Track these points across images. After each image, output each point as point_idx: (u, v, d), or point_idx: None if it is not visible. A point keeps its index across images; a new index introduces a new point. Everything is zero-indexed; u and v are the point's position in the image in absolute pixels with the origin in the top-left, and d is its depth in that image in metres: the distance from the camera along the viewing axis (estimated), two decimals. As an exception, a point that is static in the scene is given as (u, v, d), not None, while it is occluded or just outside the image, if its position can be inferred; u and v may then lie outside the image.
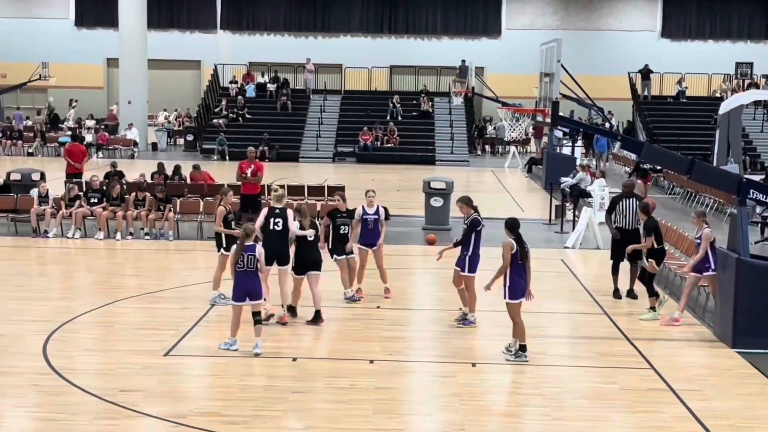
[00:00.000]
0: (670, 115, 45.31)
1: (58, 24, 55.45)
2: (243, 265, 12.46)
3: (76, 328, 13.86)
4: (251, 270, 12.49)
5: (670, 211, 27.47)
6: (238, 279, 12.50)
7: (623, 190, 17.10)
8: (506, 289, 12.55)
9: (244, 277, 12.46)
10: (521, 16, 55.00)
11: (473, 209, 14.24)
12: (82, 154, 27.31)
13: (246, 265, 12.46)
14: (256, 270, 12.56)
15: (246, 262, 12.45)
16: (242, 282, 12.47)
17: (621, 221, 16.63)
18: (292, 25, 55.22)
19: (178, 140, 49.01)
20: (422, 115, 46.82)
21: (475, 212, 14.20)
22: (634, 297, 16.37)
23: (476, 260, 14.12)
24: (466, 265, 14.06)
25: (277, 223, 14.10)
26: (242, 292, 12.47)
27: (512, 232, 12.67)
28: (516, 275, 12.52)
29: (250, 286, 12.46)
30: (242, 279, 12.47)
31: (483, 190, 33.12)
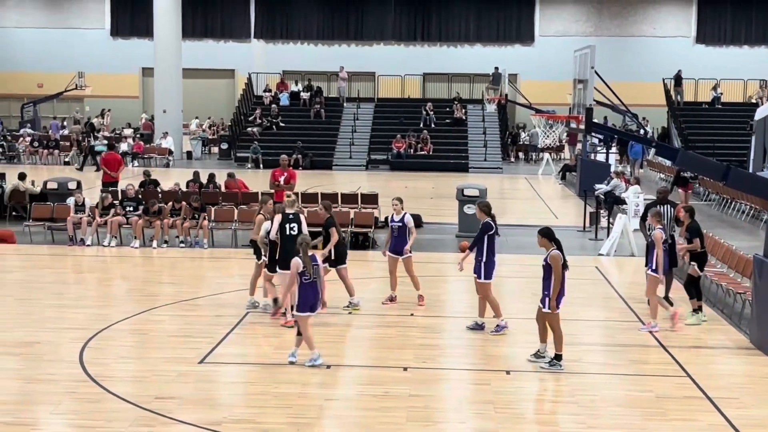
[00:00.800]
0: (705, 121, 44.98)
1: (94, 34, 56.08)
2: (309, 277, 12.28)
3: (112, 336, 13.96)
4: (316, 281, 12.35)
5: (706, 218, 27.23)
6: (303, 291, 12.28)
7: (658, 196, 17.14)
8: (547, 299, 12.51)
9: (310, 288, 12.31)
10: (554, 22, 54.90)
11: (489, 215, 14.23)
12: (118, 163, 27.51)
13: (312, 276, 12.29)
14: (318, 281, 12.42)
15: (312, 273, 12.29)
16: (308, 294, 12.30)
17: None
18: (325, 34, 55.47)
19: (213, 149, 49.29)
20: (455, 122, 46.77)
21: (489, 218, 14.19)
22: (670, 304, 16.24)
23: (491, 266, 14.11)
24: (482, 271, 14.06)
25: (292, 228, 14.29)
26: (307, 303, 12.29)
27: (552, 241, 12.61)
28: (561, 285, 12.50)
29: (314, 298, 12.33)
30: (308, 291, 12.30)
31: (517, 197, 33.07)
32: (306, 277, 12.24)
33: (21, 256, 20.80)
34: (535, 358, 12.74)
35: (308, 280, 12.24)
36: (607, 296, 17.33)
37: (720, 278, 16.65)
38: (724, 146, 40.39)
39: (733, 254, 17.13)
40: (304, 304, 12.26)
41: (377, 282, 17.45)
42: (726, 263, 17.36)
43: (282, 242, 14.19)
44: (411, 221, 15.97)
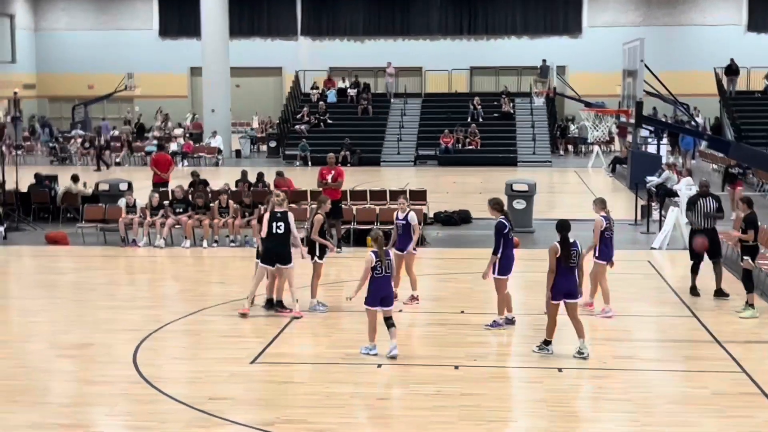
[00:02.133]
0: (759, 111, 44.29)
1: (143, 34, 56.60)
2: (381, 271, 12.57)
3: (165, 337, 14.08)
4: (388, 275, 12.66)
5: (760, 208, 26.75)
6: (374, 284, 12.59)
7: (700, 189, 17.08)
8: (548, 290, 12.69)
9: (382, 282, 12.60)
10: (603, 13, 54.43)
11: (502, 213, 14.15)
12: (168, 164, 27.71)
13: (384, 271, 12.58)
14: (391, 276, 12.78)
15: (384, 267, 12.57)
16: (379, 287, 12.59)
17: (699, 221, 16.58)
18: (371, 30, 55.48)
19: (261, 147, 49.52)
20: (503, 116, 46.54)
21: (502, 215, 14.11)
22: (725, 295, 16.16)
23: (507, 263, 14.06)
24: (496, 267, 14.00)
25: (279, 227, 14.79)
26: (377, 297, 12.59)
27: (559, 234, 12.79)
28: (561, 277, 12.60)
29: (385, 292, 12.62)
30: (379, 284, 12.58)
31: (566, 191, 32.85)
32: (378, 271, 12.54)
33: (74, 258, 21.05)
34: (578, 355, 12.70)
35: (380, 274, 12.56)
36: (660, 290, 17.15)
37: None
38: (778, 136, 39.79)
39: (789, 246, 16.86)
40: (374, 297, 12.59)
41: (426, 279, 17.42)
42: (782, 255, 17.09)
43: (266, 239, 14.82)
44: (415, 219, 15.95)
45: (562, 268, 12.61)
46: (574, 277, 12.77)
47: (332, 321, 14.93)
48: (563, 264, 12.62)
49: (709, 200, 16.62)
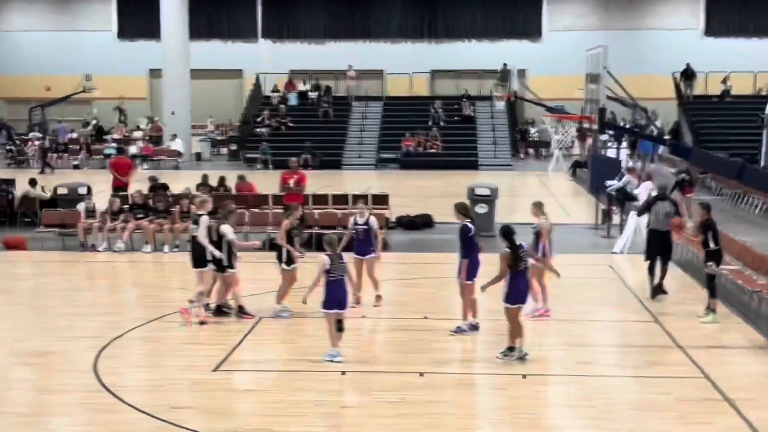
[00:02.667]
0: (716, 115, 44.77)
1: (101, 36, 56.15)
2: (335, 275, 12.67)
3: (126, 344, 13.92)
4: (342, 278, 12.76)
5: (719, 213, 27.02)
6: (330, 288, 12.68)
7: (659, 192, 17.66)
8: (506, 295, 12.72)
9: (337, 285, 12.70)
10: (562, 17, 54.75)
11: (467, 217, 14.20)
12: (128, 167, 27.46)
13: (338, 274, 12.70)
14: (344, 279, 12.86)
15: (338, 271, 12.69)
16: (335, 291, 12.69)
17: (655, 223, 17.00)
18: (332, 32, 55.42)
19: (222, 150, 49.26)
20: (464, 119, 46.65)
21: (467, 219, 14.14)
22: (664, 292, 16.65)
23: (473, 267, 14.10)
24: (464, 272, 14.05)
25: (195, 229, 14.95)
26: (334, 301, 12.68)
27: (506, 240, 12.85)
28: (517, 281, 12.65)
29: (341, 295, 12.72)
30: (335, 288, 12.68)
31: (527, 194, 32.87)
32: (332, 275, 12.60)
33: (32, 263, 20.79)
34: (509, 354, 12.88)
35: (335, 278, 12.62)
36: (622, 295, 17.23)
37: (735, 275, 16.55)
38: (735, 140, 40.19)
39: (748, 251, 17.03)
40: (331, 301, 12.64)
41: (389, 284, 17.37)
42: (741, 260, 17.25)
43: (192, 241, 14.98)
44: (376, 223, 15.96)
45: (515, 273, 12.64)
46: (527, 280, 12.79)
47: (295, 327, 14.83)
48: (516, 268, 12.62)
49: (666, 204, 17.07)
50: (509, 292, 12.70)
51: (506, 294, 12.72)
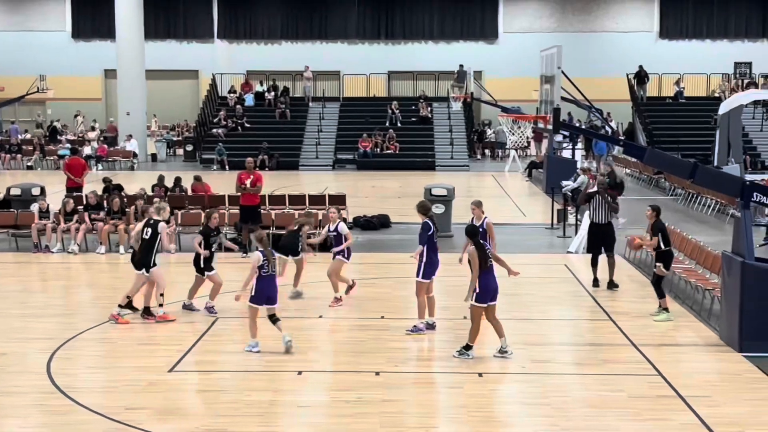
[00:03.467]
0: (670, 116, 45.25)
1: (55, 36, 55.54)
2: (268, 270, 12.94)
3: (80, 345, 13.79)
4: (274, 274, 13.04)
5: (672, 213, 27.40)
6: (261, 283, 12.91)
7: (598, 187, 18.27)
8: (474, 293, 12.69)
9: (268, 281, 12.96)
10: (518, 19, 55.02)
11: (427, 216, 14.31)
12: (82, 168, 27.24)
13: (270, 270, 12.97)
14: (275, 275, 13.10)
15: (270, 266, 12.96)
16: (265, 286, 12.94)
17: (595, 216, 17.74)
18: (289, 33, 55.26)
19: (178, 151, 48.97)
20: (421, 120, 46.77)
21: (427, 218, 14.24)
22: (615, 286, 17.20)
23: (431, 266, 14.16)
24: (421, 271, 14.10)
25: (146, 233, 15.04)
26: (263, 296, 12.95)
27: (472, 239, 12.91)
28: (487, 279, 12.68)
29: (271, 291, 12.98)
30: (266, 283, 12.95)
31: (484, 195, 32.99)
32: (265, 270, 12.90)
33: (-15, 265, 20.53)
34: (500, 354, 12.87)
35: (267, 273, 12.93)
36: (577, 294, 17.35)
37: (688, 274, 16.75)
38: (689, 140, 40.67)
39: (701, 250, 17.22)
40: (260, 296, 12.96)
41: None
42: (694, 259, 17.46)
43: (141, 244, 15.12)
44: (345, 229, 16.06)
45: (484, 271, 12.70)
46: (495, 277, 12.86)
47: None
48: (483, 267, 12.69)
49: (598, 199, 17.67)
50: (480, 292, 12.65)
51: (476, 293, 12.66)
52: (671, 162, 17.08)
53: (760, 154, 41.07)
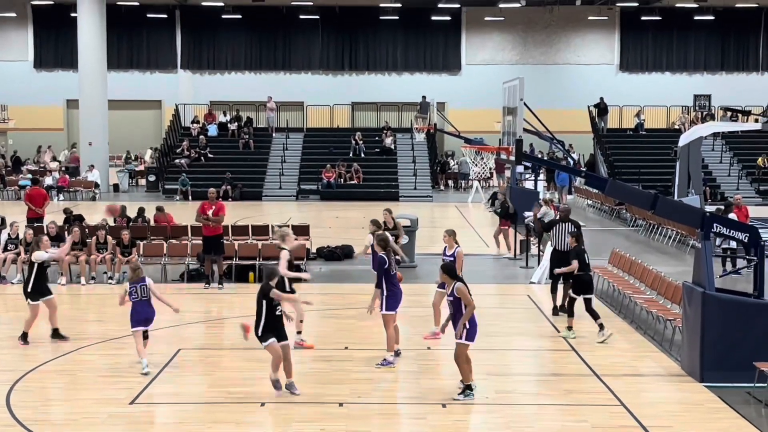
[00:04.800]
0: (630, 148, 45.75)
1: (17, 66, 55.12)
2: (138, 296, 13.84)
3: (40, 377, 13.64)
4: (145, 299, 13.88)
5: (633, 244, 27.65)
6: (134, 308, 13.86)
7: (560, 215, 18.64)
8: (465, 332, 12.34)
9: (142, 306, 13.86)
10: (481, 51, 55.41)
11: (385, 249, 14.33)
12: (43, 198, 27.03)
13: (140, 296, 13.84)
14: (149, 299, 13.96)
15: (140, 293, 13.83)
16: (139, 311, 13.84)
17: (558, 243, 18.07)
18: (252, 64, 55.27)
19: (140, 181, 48.73)
20: (385, 151, 46.91)
21: (384, 252, 14.27)
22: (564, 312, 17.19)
23: (393, 298, 14.15)
24: (384, 304, 14.13)
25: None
26: (140, 319, 13.85)
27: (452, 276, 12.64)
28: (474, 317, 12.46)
29: (145, 314, 13.87)
30: (139, 308, 13.85)
31: (447, 225, 33.02)
32: (135, 296, 13.82)
33: (-57, 296, 20.26)
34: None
35: (137, 299, 13.83)
36: (540, 325, 17.40)
37: (650, 305, 16.85)
38: (650, 172, 41.11)
39: (662, 280, 17.35)
40: (137, 319, 13.85)
41: (310, 315, 17.30)
42: (655, 290, 17.58)
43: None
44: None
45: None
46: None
47: (214, 359, 14.71)
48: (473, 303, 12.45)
49: (568, 225, 18.00)
50: (470, 329, 12.33)
51: (467, 331, 12.32)
52: (632, 193, 17.23)
53: (720, 186, 41.61)
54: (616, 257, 20.78)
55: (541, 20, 54.50)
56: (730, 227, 14.19)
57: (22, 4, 54.13)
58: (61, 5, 51.74)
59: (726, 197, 38.18)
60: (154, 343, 15.33)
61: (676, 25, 54.00)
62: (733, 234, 14.17)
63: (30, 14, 54.95)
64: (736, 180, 42.73)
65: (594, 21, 54.33)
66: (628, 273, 19.49)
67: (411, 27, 54.39)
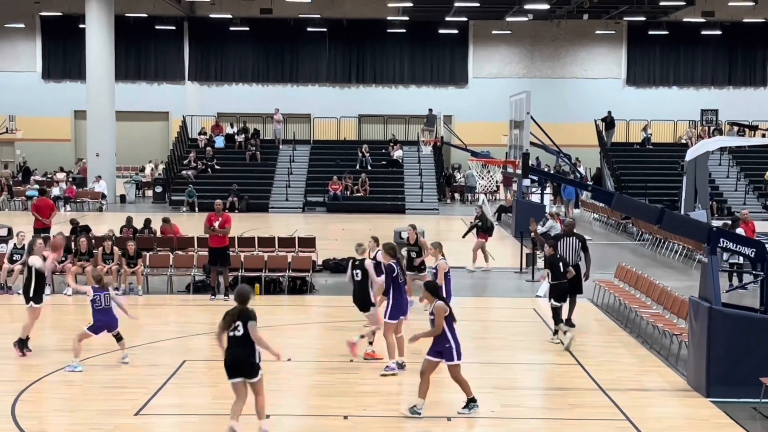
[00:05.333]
0: (637, 162, 45.73)
1: (25, 77, 55.34)
2: (101, 304, 14.60)
3: (45, 388, 13.64)
4: (108, 307, 14.65)
5: (640, 258, 27.61)
6: (96, 316, 14.61)
7: (564, 229, 18.68)
8: (455, 353, 12.25)
9: (104, 313, 14.64)
10: (488, 64, 55.49)
11: (393, 258, 14.43)
12: (50, 209, 27.07)
13: (103, 304, 14.62)
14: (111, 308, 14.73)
15: (103, 301, 14.61)
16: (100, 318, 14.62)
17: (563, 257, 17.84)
18: (260, 76, 55.43)
19: (147, 192, 48.81)
20: (391, 163, 46.94)
21: (393, 260, 14.37)
22: (571, 325, 17.34)
23: (397, 307, 14.31)
24: (388, 312, 14.30)
25: (357, 274, 15.17)
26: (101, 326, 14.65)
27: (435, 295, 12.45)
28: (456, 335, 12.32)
29: (106, 322, 14.67)
30: (100, 315, 14.63)
31: (453, 238, 33.06)
32: (98, 304, 14.54)
33: (-51, 306, 20.29)
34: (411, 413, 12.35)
35: (100, 307, 14.58)
36: (545, 338, 17.36)
37: (656, 319, 16.82)
38: (656, 186, 41.07)
39: (668, 295, 17.32)
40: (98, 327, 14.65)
41: (316, 327, 17.33)
42: (661, 304, 17.54)
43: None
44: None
45: (452, 327, 12.35)
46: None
47: (219, 371, 14.63)
48: (451, 322, 12.38)
49: (573, 239, 18.02)
50: (457, 348, 12.24)
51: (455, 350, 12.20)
52: (639, 207, 17.23)
53: (727, 200, 41.55)
54: (622, 271, 20.75)
55: (548, 34, 54.61)
56: (736, 242, 14.15)
57: (30, 15, 54.36)
58: (69, 16, 51.93)
59: (733, 212, 38.10)
60: (159, 355, 15.42)
61: (683, 39, 54.06)
62: (740, 249, 14.14)
63: (38, 25, 55.22)
64: (743, 195, 42.66)
65: (601, 35, 54.40)
66: (634, 287, 19.45)
67: (418, 40, 54.53)
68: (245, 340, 10.94)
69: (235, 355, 10.98)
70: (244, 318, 10.97)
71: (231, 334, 11.00)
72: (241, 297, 11.23)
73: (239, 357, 10.97)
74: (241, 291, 11.37)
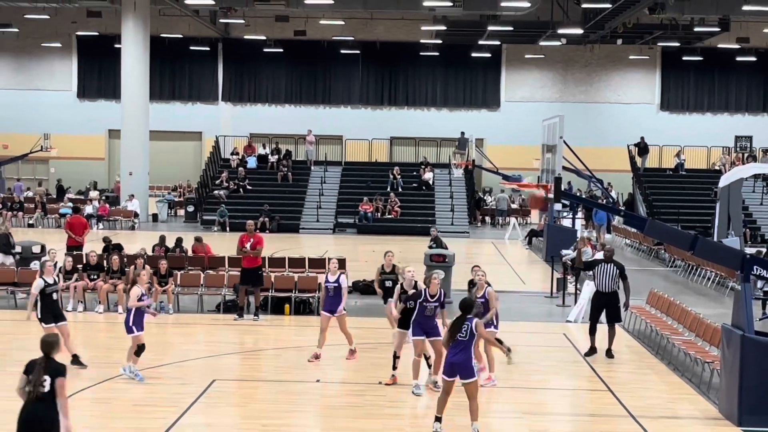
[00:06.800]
0: (670, 188, 45.45)
1: (61, 96, 55.95)
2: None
3: (76, 405, 13.64)
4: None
5: (672, 284, 27.42)
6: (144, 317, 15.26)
7: (604, 254, 18.33)
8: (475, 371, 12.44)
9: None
10: (520, 88, 55.49)
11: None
12: (83, 227, 27.28)
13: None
14: None
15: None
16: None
17: (600, 284, 17.79)
18: (293, 97, 55.74)
19: (179, 211, 49.08)
20: (422, 186, 46.96)
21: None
22: (611, 356, 17.21)
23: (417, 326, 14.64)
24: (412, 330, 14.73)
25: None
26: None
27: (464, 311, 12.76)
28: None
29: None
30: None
31: (483, 262, 32.92)
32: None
33: (-18, 322, 20.46)
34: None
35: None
36: (575, 363, 17.26)
37: (688, 346, 16.68)
38: (689, 212, 40.79)
39: (701, 322, 17.16)
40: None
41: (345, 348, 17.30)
42: (693, 331, 17.39)
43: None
44: (345, 282, 16.96)
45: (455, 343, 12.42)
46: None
47: (248, 391, 14.71)
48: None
49: (611, 266, 17.70)
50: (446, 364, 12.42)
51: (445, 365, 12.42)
52: (671, 233, 17.14)
53: (760, 228, 41.17)
54: (654, 297, 20.60)
55: (582, 59, 54.56)
56: (770, 270, 14.03)
57: (67, 35, 54.99)
58: (105, 36, 52.46)
59: (766, 239, 37.78)
60: (188, 374, 15.44)
61: (717, 65, 53.83)
62: (774, 277, 14.02)
63: (75, 45, 55.85)
64: (777, 222, 42.29)
65: (635, 60, 54.27)
66: (666, 314, 19.30)
67: (451, 63, 54.63)
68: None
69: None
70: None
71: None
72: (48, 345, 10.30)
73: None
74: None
